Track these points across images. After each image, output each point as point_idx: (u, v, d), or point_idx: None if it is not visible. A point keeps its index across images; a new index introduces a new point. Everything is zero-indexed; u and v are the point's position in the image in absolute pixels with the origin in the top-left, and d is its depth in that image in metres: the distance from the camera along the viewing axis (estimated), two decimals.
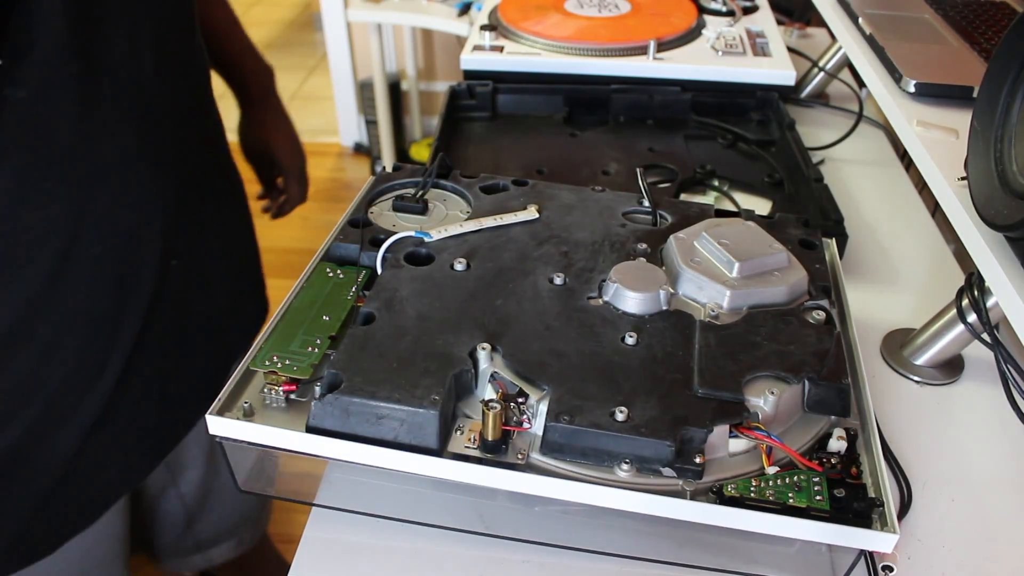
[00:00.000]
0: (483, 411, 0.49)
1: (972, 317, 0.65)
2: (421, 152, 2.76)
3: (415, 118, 2.85)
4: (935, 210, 0.92)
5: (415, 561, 0.55)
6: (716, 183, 0.89)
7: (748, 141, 0.96)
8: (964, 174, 0.64)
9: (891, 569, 0.53)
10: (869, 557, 0.54)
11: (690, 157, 0.92)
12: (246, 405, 0.52)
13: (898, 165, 1.05)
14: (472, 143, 0.94)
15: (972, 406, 0.69)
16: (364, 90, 2.75)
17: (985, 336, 0.64)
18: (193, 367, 0.78)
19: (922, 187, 0.96)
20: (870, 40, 0.93)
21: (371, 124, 2.78)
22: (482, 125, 0.98)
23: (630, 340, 0.55)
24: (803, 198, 0.85)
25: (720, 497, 0.49)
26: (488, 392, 0.53)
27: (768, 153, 0.94)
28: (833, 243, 0.71)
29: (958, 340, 0.69)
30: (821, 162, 1.01)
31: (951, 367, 0.72)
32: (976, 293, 0.64)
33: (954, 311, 0.68)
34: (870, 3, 1.01)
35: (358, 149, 2.97)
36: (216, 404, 0.52)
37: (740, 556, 0.54)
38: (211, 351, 0.82)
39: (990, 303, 0.63)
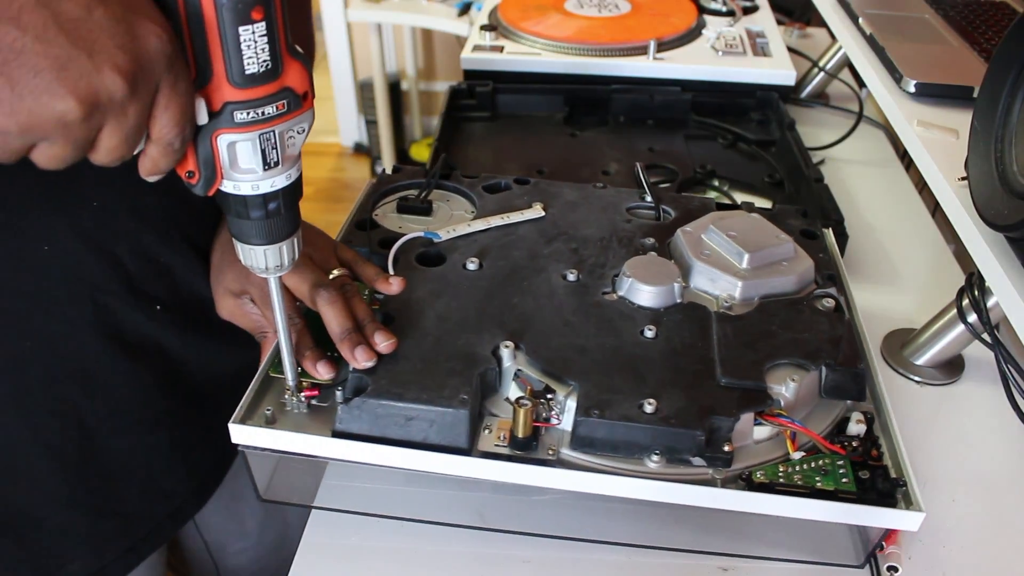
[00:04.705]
0: (514, 409, 0.49)
1: (972, 317, 0.65)
2: (421, 152, 2.76)
3: (415, 118, 2.85)
4: (935, 210, 0.92)
5: (415, 561, 0.55)
6: (716, 183, 0.89)
7: (748, 141, 0.96)
8: (964, 174, 0.64)
9: (896, 570, 0.53)
10: (873, 559, 0.54)
11: (690, 157, 0.92)
12: (268, 412, 0.51)
13: (898, 165, 1.05)
14: (472, 143, 0.94)
15: (972, 406, 0.69)
16: (364, 90, 2.75)
17: (985, 336, 0.64)
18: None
19: (922, 187, 0.96)
20: (870, 40, 0.93)
21: (371, 124, 2.78)
22: (482, 125, 0.98)
23: (649, 333, 0.56)
24: (803, 198, 0.85)
25: (749, 484, 0.49)
26: (513, 389, 0.53)
27: (768, 153, 0.94)
28: (830, 232, 0.72)
29: (958, 340, 0.69)
30: (821, 162, 1.01)
31: (951, 367, 0.72)
32: (976, 293, 0.64)
33: (954, 311, 0.68)
34: (870, 3, 1.01)
35: (358, 149, 2.96)
36: (238, 412, 0.51)
37: (749, 539, 0.54)
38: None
39: (990, 303, 0.63)
